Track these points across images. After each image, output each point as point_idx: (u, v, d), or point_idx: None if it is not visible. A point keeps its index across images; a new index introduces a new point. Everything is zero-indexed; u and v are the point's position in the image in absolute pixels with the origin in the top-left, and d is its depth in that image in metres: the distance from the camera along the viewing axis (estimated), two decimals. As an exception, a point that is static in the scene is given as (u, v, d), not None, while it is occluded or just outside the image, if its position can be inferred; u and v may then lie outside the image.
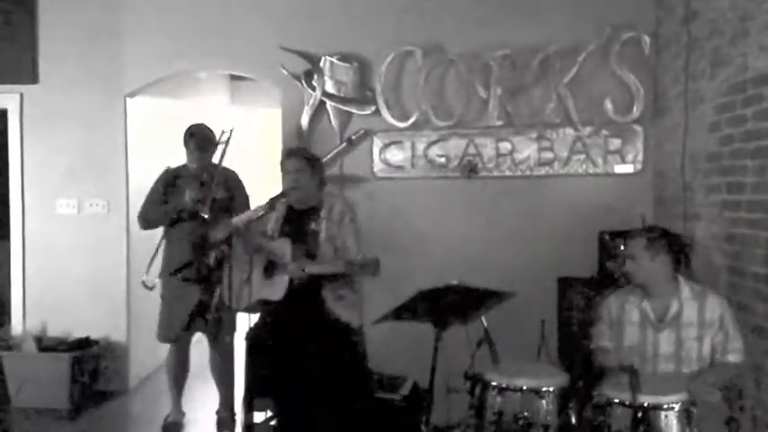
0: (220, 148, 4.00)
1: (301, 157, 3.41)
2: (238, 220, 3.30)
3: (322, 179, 3.45)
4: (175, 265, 3.87)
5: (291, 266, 3.13)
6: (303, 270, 3.11)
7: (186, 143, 4.11)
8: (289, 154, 3.47)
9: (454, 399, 3.08)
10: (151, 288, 3.99)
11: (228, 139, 3.99)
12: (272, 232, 3.36)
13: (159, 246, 4.05)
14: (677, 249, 2.88)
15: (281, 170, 3.41)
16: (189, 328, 4.03)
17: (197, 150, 4.06)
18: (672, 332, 2.84)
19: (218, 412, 4.23)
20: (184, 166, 4.17)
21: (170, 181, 4.10)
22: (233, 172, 4.15)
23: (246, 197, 4.14)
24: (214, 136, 4.11)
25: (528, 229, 4.43)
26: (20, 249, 4.93)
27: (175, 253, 3.95)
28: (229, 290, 3.19)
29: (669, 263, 2.86)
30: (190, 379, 4.28)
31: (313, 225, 3.30)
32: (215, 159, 4.02)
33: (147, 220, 4.10)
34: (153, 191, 4.12)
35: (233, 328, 4.07)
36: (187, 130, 4.13)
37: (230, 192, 4.03)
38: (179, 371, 4.18)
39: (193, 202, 3.86)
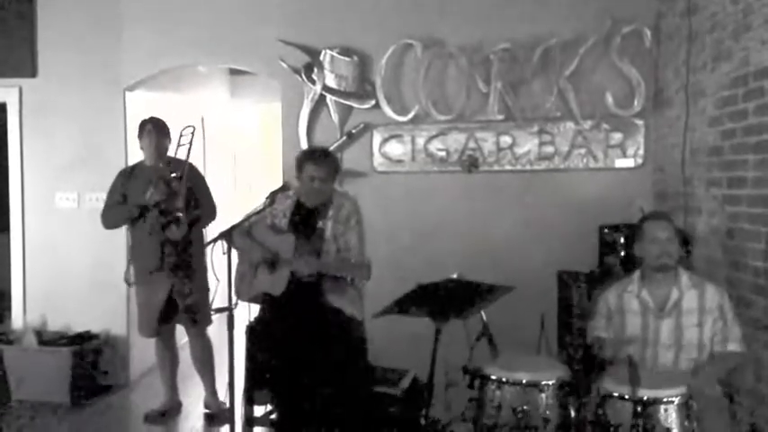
0: (184, 146, 4.08)
1: (328, 163, 3.26)
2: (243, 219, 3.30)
3: (336, 179, 3.40)
4: (145, 260, 4.02)
5: (301, 264, 3.09)
6: (312, 267, 3.08)
7: (140, 136, 4.13)
8: (315, 159, 3.26)
9: (454, 392, 3.08)
10: (131, 284, 4.20)
11: (192, 137, 4.08)
12: (280, 225, 3.35)
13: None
14: (685, 240, 2.96)
15: (301, 171, 3.26)
16: (167, 321, 4.13)
17: (153, 146, 4.07)
18: (673, 320, 2.86)
19: (205, 401, 4.30)
20: (141, 161, 4.21)
21: (127, 178, 4.13)
22: (190, 163, 4.15)
23: (206, 184, 4.21)
24: (168, 129, 4.16)
25: (528, 223, 4.43)
26: (20, 243, 4.93)
27: (143, 249, 4.05)
28: (229, 283, 3.19)
29: (679, 250, 2.94)
30: (185, 373, 4.33)
31: (320, 223, 3.28)
32: (177, 154, 4.12)
33: (109, 222, 4.16)
34: (112, 192, 4.16)
35: (208, 319, 4.17)
36: (141, 124, 4.16)
37: (190, 182, 4.05)
38: (167, 362, 4.27)
39: (155, 202, 3.91)
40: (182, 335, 4.37)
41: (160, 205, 3.91)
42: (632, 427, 2.41)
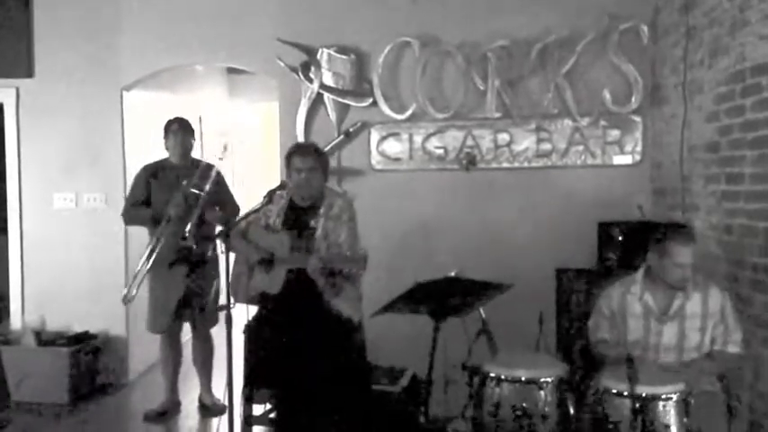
0: (218, 158, 4.13)
1: (313, 154, 3.31)
2: (239, 218, 3.31)
3: (327, 175, 3.42)
4: (162, 258, 4.02)
5: (312, 261, 3.08)
6: (319, 262, 3.06)
7: (166, 135, 4.19)
8: (300, 151, 3.33)
9: (453, 390, 3.08)
10: (129, 301, 4.21)
11: (223, 155, 4.10)
12: (274, 225, 3.35)
13: (141, 267, 4.13)
14: None
15: (289, 166, 3.31)
16: (177, 318, 4.15)
17: (178, 145, 4.16)
18: (675, 324, 2.84)
19: (200, 395, 4.33)
20: (166, 159, 4.25)
21: (151, 176, 4.17)
22: (217, 171, 4.17)
23: (230, 191, 4.29)
24: (193, 130, 4.26)
25: (526, 220, 4.43)
26: (18, 244, 4.93)
27: (162, 248, 4.05)
28: (227, 283, 3.20)
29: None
30: (185, 373, 4.36)
31: (312, 222, 3.29)
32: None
33: (130, 221, 4.26)
34: (134, 189, 4.21)
35: (215, 319, 4.22)
36: (168, 123, 4.22)
37: (216, 188, 4.09)
38: (171, 360, 4.27)
39: (177, 218, 3.95)
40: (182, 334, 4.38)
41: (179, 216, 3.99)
42: (631, 424, 2.42)
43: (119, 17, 4.77)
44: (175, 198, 3.97)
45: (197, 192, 3.98)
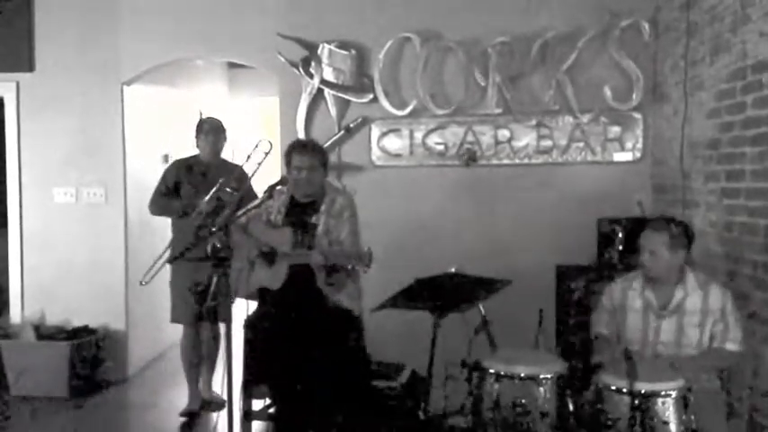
0: (256, 159, 4.06)
1: (313, 152, 3.30)
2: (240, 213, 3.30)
3: (327, 171, 3.42)
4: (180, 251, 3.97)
5: (315, 255, 3.08)
6: (324, 257, 3.06)
7: (198, 134, 4.21)
8: (300, 149, 3.32)
9: (452, 386, 3.08)
10: (143, 284, 4.09)
11: (265, 157, 4.04)
12: (275, 221, 3.35)
13: (163, 253, 4.09)
14: (690, 241, 2.89)
15: (289, 163, 3.31)
16: (197, 312, 4.11)
17: (210, 144, 4.17)
18: (674, 320, 2.84)
19: (200, 388, 4.31)
20: (196, 156, 4.25)
21: (180, 172, 4.19)
22: (244, 173, 4.15)
23: (254, 191, 4.18)
24: (225, 129, 4.27)
25: (526, 216, 4.43)
26: (18, 238, 4.93)
27: (183, 241, 4.02)
28: (230, 278, 3.19)
29: (684, 256, 2.85)
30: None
31: (313, 218, 3.28)
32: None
33: (156, 211, 4.23)
34: (163, 180, 4.21)
35: (228, 315, 4.15)
36: (200, 122, 4.25)
37: (240, 188, 4.05)
38: (193, 355, 4.24)
39: (204, 216, 3.93)
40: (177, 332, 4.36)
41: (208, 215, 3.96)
42: (630, 421, 2.42)
43: (119, 11, 4.76)
44: (209, 194, 3.96)
45: (230, 192, 3.97)
